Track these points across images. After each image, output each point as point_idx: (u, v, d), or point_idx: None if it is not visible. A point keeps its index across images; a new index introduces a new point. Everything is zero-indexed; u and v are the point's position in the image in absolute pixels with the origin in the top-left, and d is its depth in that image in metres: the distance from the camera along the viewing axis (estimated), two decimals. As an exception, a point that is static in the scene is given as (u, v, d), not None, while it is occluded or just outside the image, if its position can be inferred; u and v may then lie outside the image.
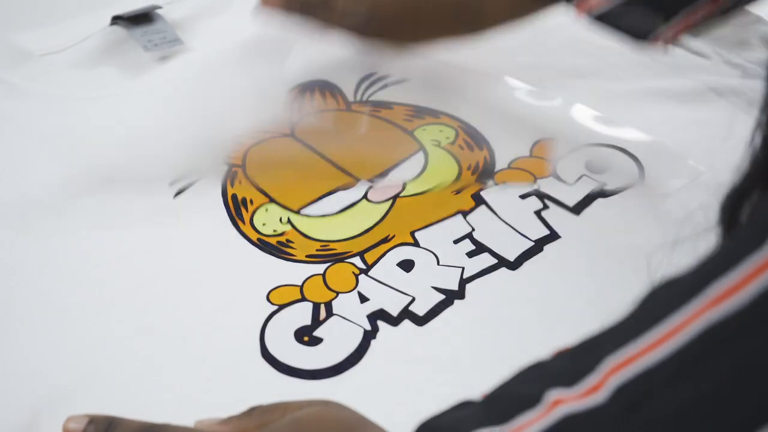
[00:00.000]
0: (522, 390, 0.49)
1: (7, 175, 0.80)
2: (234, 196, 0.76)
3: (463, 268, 0.69)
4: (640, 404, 0.45)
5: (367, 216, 0.74)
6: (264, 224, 0.74)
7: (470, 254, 0.70)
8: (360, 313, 0.67)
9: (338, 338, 0.66)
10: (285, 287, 0.69)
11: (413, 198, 0.75)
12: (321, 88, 0.84)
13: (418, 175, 0.76)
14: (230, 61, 0.88)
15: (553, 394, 0.47)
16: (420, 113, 0.81)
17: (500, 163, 0.76)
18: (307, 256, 0.71)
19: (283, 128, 0.81)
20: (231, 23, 0.92)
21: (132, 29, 0.91)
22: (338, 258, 0.71)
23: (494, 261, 0.70)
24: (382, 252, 0.71)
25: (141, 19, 0.92)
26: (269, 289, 0.69)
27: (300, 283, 0.69)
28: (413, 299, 0.68)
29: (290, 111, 0.83)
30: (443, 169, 0.76)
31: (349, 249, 0.72)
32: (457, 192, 0.74)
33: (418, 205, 0.74)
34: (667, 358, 0.44)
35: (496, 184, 0.75)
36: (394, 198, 0.74)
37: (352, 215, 0.74)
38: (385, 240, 0.72)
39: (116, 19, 0.92)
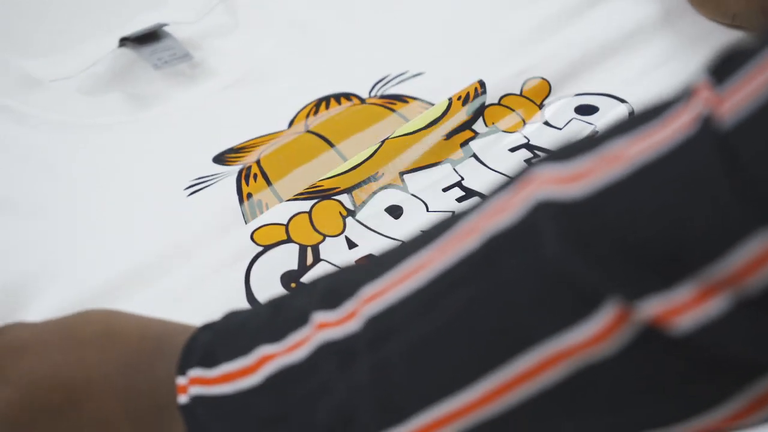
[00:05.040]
0: (300, 304, 0.49)
1: (20, 204, 0.78)
2: (249, 195, 0.74)
3: (453, 213, 0.68)
4: (386, 338, 0.44)
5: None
6: None
7: (460, 200, 0.69)
8: (348, 259, 0.66)
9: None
10: (270, 226, 0.68)
11: (403, 138, 0.73)
12: (336, 97, 0.84)
13: None
14: (242, 80, 0.89)
15: (318, 317, 0.47)
16: None
17: (490, 97, 0.75)
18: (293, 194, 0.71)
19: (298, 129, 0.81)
20: (240, 37, 0.93)
21: (140, 49, 0.92)
22: (325, 194, 0.70)
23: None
24: (371, 191, 0.70)
25: (148, 38, 0.92)
26: (254, 228, 0.68)
27: (285, 222, 0.68)
28: (403, 245, 0.67)
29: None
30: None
31: (336, 185, 0.71)
32: (447, 137, 0.73)
33: (407, 146, 0.73)
34: (412, 292, 0.44)
35: (486, 125, 0.74)
36: (383, 140, 0.73)
37: None
38: (374, 178, 0.71)
39: (124, 41, 0.92)
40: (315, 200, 0.69)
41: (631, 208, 0.39)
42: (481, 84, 0.76)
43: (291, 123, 0.81)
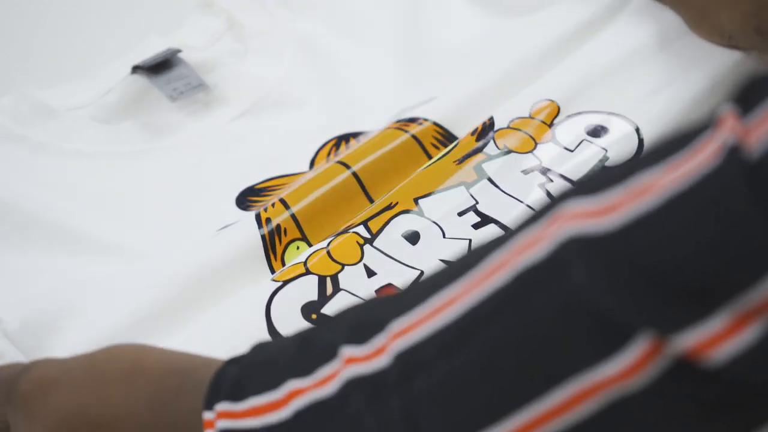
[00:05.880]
0: (328, 337, 0.49)
1: (37, 233, 0.79)
2: (268, 220, 0.73)
3: (470, 240, 0.69)
4: (415, 374, 0.44)
5: None
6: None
7: (476, 226, 0.70)
8: (368, 288, 0.67)
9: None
10: (289, 267, 0.69)
11: (418, 174, 0.74)
12: (355, 137, 0.83)
13: None
14: (258, 105, 0.89)
15: (347, 351, 0.47)
16: (448, 138, 0.79)
17: (500, 122, 0.76)
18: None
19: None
20: (251, 63, 0.92)
21: (154, 78, 0.91)
22: (342, 230, 0.70)
23: (501, 233, 0.69)
24: (386, 219, 0.70)
25: (162, 65, 0.91)
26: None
27: (303, 260, 0.69)
28: (422, 273, 0.67)
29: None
30: None
31: (353, 221, 0.71)
32: (459, 161, 0.74)
33: (420, 176, 0.73)
34: (442, 328, 0.44)
35: (498, 147, 0.74)
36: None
37: None
38: (389, 207, 0.71)
39: (136, 68, 0.91)
40: (332, 237, 0.70)
41: (661, 240, 0.40)
42: (491, 119, 0.76)
43: (312, 163, 0.81)
